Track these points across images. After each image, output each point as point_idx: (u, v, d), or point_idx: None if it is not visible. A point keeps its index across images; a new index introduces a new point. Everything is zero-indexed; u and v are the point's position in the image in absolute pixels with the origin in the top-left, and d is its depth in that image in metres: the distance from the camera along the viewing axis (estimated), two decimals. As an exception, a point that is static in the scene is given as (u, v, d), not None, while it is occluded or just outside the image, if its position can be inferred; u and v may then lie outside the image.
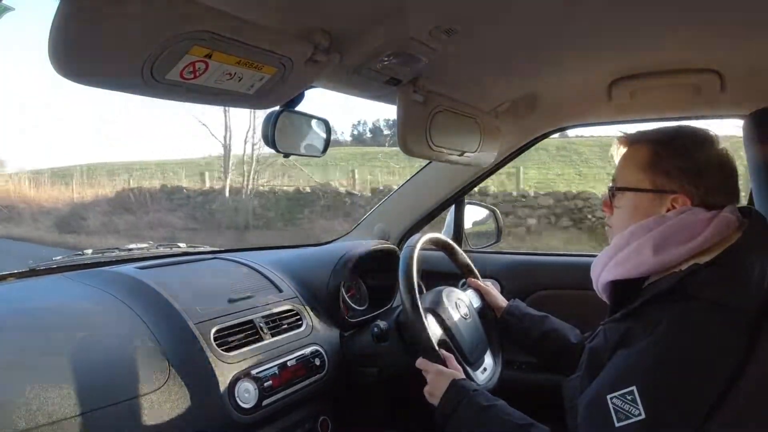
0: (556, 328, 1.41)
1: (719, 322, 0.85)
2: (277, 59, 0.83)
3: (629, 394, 0.85)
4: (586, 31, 1.08)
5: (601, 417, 0.88)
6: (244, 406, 1.15)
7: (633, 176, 1.03)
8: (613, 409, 0.86)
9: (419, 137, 1.24)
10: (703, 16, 1.01)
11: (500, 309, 1.49)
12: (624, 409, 0.85)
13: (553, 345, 1.38)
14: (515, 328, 1.45)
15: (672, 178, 0.98)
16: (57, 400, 0.92)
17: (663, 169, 0.99)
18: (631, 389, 0.85)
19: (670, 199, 0.98)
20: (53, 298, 1.21)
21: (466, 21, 0.94)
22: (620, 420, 0.85)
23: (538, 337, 1.40)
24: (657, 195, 0.99)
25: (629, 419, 0.84)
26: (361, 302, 1.76)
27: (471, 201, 2.10)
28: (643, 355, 0.87)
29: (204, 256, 1.63)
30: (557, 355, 1.36)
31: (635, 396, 0.84)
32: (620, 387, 0.86)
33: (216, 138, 14.31)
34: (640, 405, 0.84)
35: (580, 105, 1.64)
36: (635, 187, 1.02)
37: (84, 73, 0.65)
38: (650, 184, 1.00)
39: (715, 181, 0.97)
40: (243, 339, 1.25)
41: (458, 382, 1.18)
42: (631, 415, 0.84)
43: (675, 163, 0.98)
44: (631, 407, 0.84)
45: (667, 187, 0.98)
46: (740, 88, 1.37)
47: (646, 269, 0.97)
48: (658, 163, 0.99)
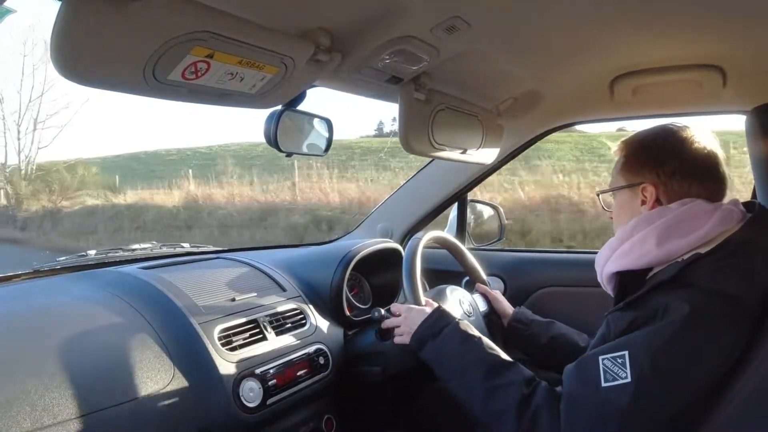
0: (564, 332, 1.43)
1: (717, 311, 0.87)
2: (279, 59, 0.83)
3: (620, 358, 0.89)
4: (589, 28, 1.08)
5: (589, 375, 0.92)
6: (248, 405, 1.15)
7: (615, 179, 1.13)
8: (603, 369, 0.90)
9: (421, 135, 1.24)
10: (705, 12, 1.00)
11: (507, 316, 1.51)
12: (612, 371, 0.89)
13: (562, 349, 1.39)
14: (523, 334, 1.46)
15: (636, 172, 1.08)
16: (62, 400, 0.92)
17: (630, 167, 1.09)
18: (623, 353, 0.89)
19: (640, 190, 1.06)
20: (57, 299, 1.22)
21: (468, 19, 0.94)
22: (607, 381, 0.89)
23: (547, 343, 1.42)
24: (630, 189, 1.09)
25: (615, 381, 0.88)
26: (364, 301, 1.76)
27: (474, 199, 2.10)
28: (643, 331, 0.91)
29: (207, 255, 1.64)
30: (566, 360, 1.36)
31: (626, 360, 0.88)
32: (614, 351, 0.91)
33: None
34: (628, 369, 0.88)
35: (583, 102, 1.64)
36: (611, 187, 1.13)
37: (86, 74, 0.66)
38: (624, 181, 1.10)
39: (677, 166, 1.03)
40: (247, 338, 1.25)
41: (443, 309, 1.21)
42: (618, 377, 0.88)
43: (639, 158, 1.08)
44: (620, 370, 0.88)
45: (634, 180, 1.07)
46: (742, 84, 1.37)
47: (650, 260, 0.99)
48: (626, 163, 1.10)
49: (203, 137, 40.66)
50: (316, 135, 1.27)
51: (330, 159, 11.12)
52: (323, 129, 1.28)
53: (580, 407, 0.92)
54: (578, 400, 0.93)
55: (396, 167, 11.26)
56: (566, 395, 0.95)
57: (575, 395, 0.93)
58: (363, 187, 10.45)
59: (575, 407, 0.92)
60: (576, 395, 0.93)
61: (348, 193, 10.26)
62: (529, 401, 0.98)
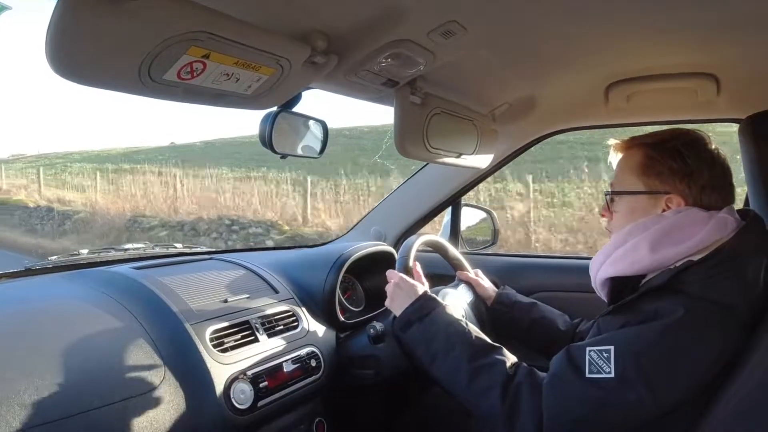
0: (545, 315, 1.44)
1: (707, 317, 0.88)
2: (275, 60, 0.83)
3: (606, 352, 0.90)
4: (584, 35, 1.09)
5: (575, 363, 0.94)
6: (239, 407, 1.14)
7: (628, 180, 1.07)
8: (589, 360, 0.92)
9: (416, 139, 1.24)
10: (699, 21, 1.01)
11: (490, 298, 1.51)
12: (597, 364, 0.91)
13: (543, 334, 1.41)
14: (505, 317, 1.47)
15: (665, 180, 1.02)
16: (52, 400, 0.91)
17: (656, 171, 1.03)
18: (609, 348, 0.91)
19: (664, 200, 1.02)
20: (48, 298, 1.21)
21: (464, 23, 0.94)
22: (591, 372, 0.91)
23: (527, 327, 1.43)
24: (651, 197, 1.03)
25: (599, 374, 0.90)
26: (357, 304, 1.76)
27: (467, 203, 2.10)
28: (631, 330, 0.92)
29: (200, 256, 1.63)
30: (547, 345, 1.37)
31: (611, 355, 0.90)
32: (601, 344, 0.92)
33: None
34: (612, 364, 0.89)
35: (577, 108, 1.65)
36: (630, 190, 1.06)
37: (81, 72, 0.65)
38: (644, 186, 1.04)
39: (708, 180, 1.00)
40: (239, 340, 1.24)
41: (431, 295, 1.22)
42: (602, 371, 0.90)
43: (667, 165, 1.01)
44: (604, 364, 0.90)
45: (660, 188, 1.02)
46: (736, 92, 1.38)
47: (643, 267, 0.99)
48: (651, 166, 1.03)
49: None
50: (310, 137, 1.27)
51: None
52: (318, 131, 1.29)
53: (563, 389, 0.94)
54: (563, 381, 0.95)
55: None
56: (551, 376, 0.97)
57: (560, 377, 0.95)
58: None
59: (559, 388, 0.95)
60: (561, 377, 0.95)
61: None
62: (513, 380, 1.00)
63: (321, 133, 1.29)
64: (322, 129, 1.29)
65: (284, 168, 11.23)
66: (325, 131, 1.29)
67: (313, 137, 1.28)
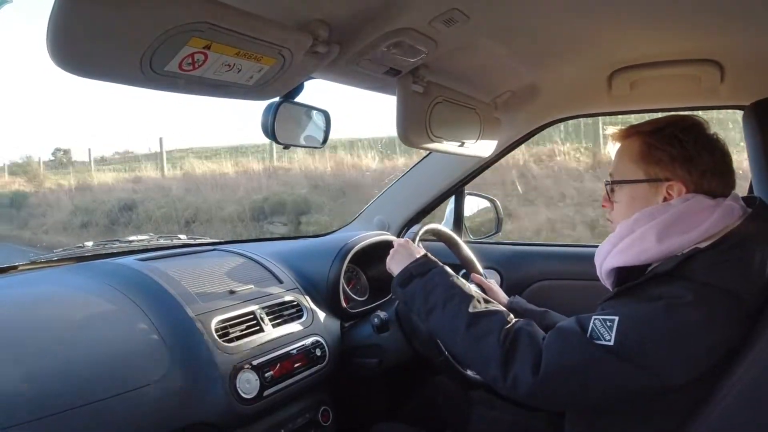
0: (557, 322, 1.43)
1: (713, 303, 0.87)
2: (277, 50, 0.83)
3: (610, 321, 0.91)
4: (587, 22, 1.08)
5: (580, 327, 0.94)
6: (245, 397, 1.16)
7: (628, 169, 1.05)
8: (593, 326, 0.93)
9: (419, 128, 1.24)
10: (703, 7, 1.00)
11: (501, 305, 1.50)
12: (600, 331, 0.92)
13: None
14: None
15: (665, 166, 1.00)
16: (58, 391, 0.92)
17: (655, 159, 1.01)
18: (613, 318, 0.91)
19: (665, 187, 1.00)
20: (54, 290, 1.22)
21: (466, 11, 0.93)
22: (593, 338, 0.92)
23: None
24: (652, 184, 1.02)
25: (600, 340, 0.91)
26: (361, 293, 1.76)
27: (471, 192, 2.10)
28: (637, 306, 0.92)
29: (204, 247, 1.64)
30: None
31: (614, 324, 0.91)
32: (606, 314, 0.93)
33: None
34: (613, 333, 0.90)
35: (581, 95, 1.64)
36: (630, 178, 1.05)
37: (82, 65, 0.65)
38: (644, 174, 1.03)
39: (708, 165, 0.99)
40: (244, 330, 1.25)
41: (432, 257, 1.23)
42: (602, 338, 0.91)
43: (666, 151, 1.00)
44: (606, 332, 0.91)
45: (660, 175, 1.01)
46: (740, 79, 1.37)
47: (650, 256, 0.98)
48: (650, 154, 1.02)
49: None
50: (313, 127, 1.27)
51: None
52: (321, 121, 1.28)
53: (567, 337, 0.95)
54: (566, 331, 0.96)
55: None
56: (556, 327, 0.99)
57: (564, 328, 0.97)
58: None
59: (563, 336, 0.96)
60: (565, 328, 0.97)
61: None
62: (512, 327, 1.02)
63: (324, 123, 1.29)
64: (324, 119, 1.29)
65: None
66: (328, 121, 1.29)
67: (315, 127, 1.28)
